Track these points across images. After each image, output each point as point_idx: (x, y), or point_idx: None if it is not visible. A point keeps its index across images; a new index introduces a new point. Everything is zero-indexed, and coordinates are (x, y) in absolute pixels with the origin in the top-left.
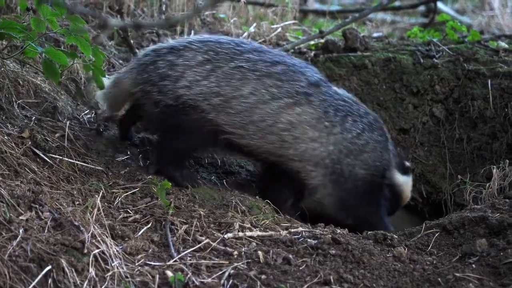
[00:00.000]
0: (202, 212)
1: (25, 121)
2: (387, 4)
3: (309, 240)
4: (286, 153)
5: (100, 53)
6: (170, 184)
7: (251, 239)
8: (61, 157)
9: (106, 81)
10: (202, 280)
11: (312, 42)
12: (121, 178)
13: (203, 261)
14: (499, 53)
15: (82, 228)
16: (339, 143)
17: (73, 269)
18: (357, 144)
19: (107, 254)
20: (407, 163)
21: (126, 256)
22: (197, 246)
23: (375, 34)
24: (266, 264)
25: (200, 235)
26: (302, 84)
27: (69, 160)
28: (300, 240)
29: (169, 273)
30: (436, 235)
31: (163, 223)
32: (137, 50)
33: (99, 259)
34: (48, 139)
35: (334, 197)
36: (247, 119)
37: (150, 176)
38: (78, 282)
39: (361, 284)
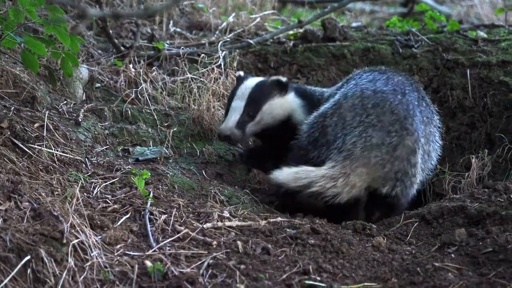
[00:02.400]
0: (181, 202)
1: (4, 111)
2: None
3: (288, 230)
4: None
5: (76, 39)
6: (149, 174)
7: (230, 229)
8: (40, 147)
9: (83, 70)
10: (181, 270)
11: (291, 32)
12: (100, 168)
13: (182, 251)
14: (478, 43)
15: (61, 218)
16: None
17: (52, 259)
18: None
19: (86, 244)
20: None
21: (105, 246)
22: (176, 236)
23: (354, 24)
24: (245, 254)
25: (179, 225)
26: None
27: (48, 150)
28: (279, 230)
29: (148, 263)
30: (415, 225)
31: (142, 213)
32: (115, 40)
33: (78, 249)
34: (27, 129)
35: None
36: None
37: (129, 166)
38: (57, 272)
39: (340, 273)
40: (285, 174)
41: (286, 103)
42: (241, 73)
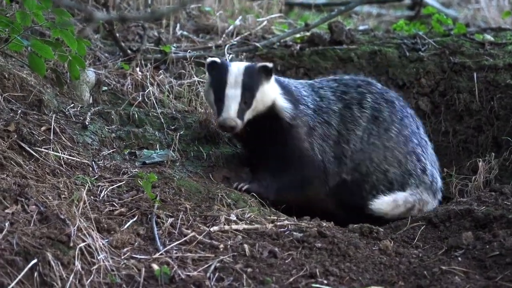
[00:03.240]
0: (188, 206)
1: (11, 114)
2: None
3: (295, 233)
4: None
5: (83, 42)
6: (156, 177)
7: (237, 232)
8: (47, 151)
9: (90, 73)
10: (188, 273)
11: (297, 35)
12: (107, 172)
13: (189, 254)
14: (485, 46)
15: (68, 222)
16: None
17: (59, 263)
18: None
19: (93, 248)
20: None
21: (112, 249)
22: (183, 239)
23: (361, 27)
24: (252, 257)
25: (186, 228)
26: None
27: (55, 153)
28: (286, 233)
29: (155, 266)
30: (422, 228)
31: (149, 216)
32: (122, 44)
33: (85, 252)
34: (34, 132)
35: None
36: None
37: (136, 170)
38: (64, 275)
39: (347, 277)
40: (385, 204)
41: (271, 89)
42: (216, 59)
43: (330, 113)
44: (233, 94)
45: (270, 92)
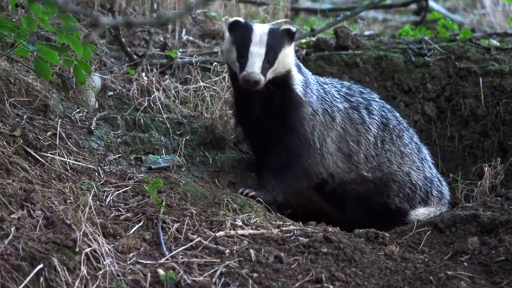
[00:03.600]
0: (193, 211)
1: (17, 119)
2: (379, 2)
3: (300, 238)
4: None
5: (88, 47)
6: (162, 182)
7: (243, 238)
8: (52, 156)
9: (96, 78)
10: (194, 279)
11: (303, 41)
12: (112, 177)
13: (194, 259)
14: (491, 51)
15: (74, 227)
16: None
17: (64, 268)
18: None
19: (99, 253)
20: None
21: (118, 254)
22: (188, 245)
23: (366, 32)
24: (258, 262)
25: (192, 234)
26: None
27: (61, 158)
28: (291, 238)
29: (161, 271)
30: (428, 233)
31: (155, 221)
32: (128, 49)
33: (91, 257)
34: (40, 137)
35: None
36: None
37: (142, 175)
38: (70, 280)
39: (352, 282)
40: (422, 216)
41: (291, 54)
42: (239, 18)
43: (334, 109)
44: (258, 51)
45: (290, 57)
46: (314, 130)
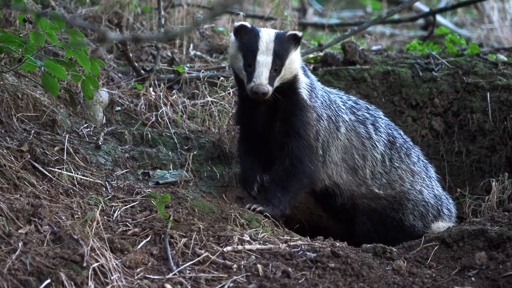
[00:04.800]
0: (201, 226)
1: (24, 134)
2: (386, 17)
3: (308, 253)
4: None
5: (96, 62)
6: (169, 197)
7: (250, 252)
8: (60, 171)
9: (103, 93)
10: None
11: (311, 55)
12: (120, 192)
13: (202, 274)
14: (498, 66)
15: (81, 242)
16: None
17: (72, 283)
18: None
19: (106, 268)
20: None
21: (125, 269)
22: (196, 260)
23: (374, 47)
24: (265, 277)
25: (199, 249)
26: None
27: (69, 173)
28: (299, 253)
29: (169, 286)
30: (436, 248)
31: (162, 236)
32: (136, 64)
33: (98, 272)
34: (47, 152)
35: None
36: None
37: (149, 190)
38: None
39: None
40: (442, 229)
41: (298, 59)
42: (245, 23)
43: (339, 118)
44: (265, 60)
45: (296, 62)
46: (318, 135)
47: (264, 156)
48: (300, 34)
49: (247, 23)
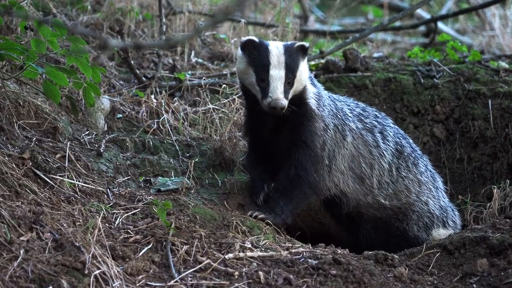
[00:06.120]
0: (203, 233)
1: (26, 142)
2: (388, 24)
3: (310, 260)
4: None
5: (97, 69)
6: (171, 204)
7: (252, 260)
8: (62, 178)
9: (105, 101)
10: None
11: (312, 63)
12: (121, 199)
13: (204, 281)
14: (500, 73)
15: (82, 249)
16: None
17: None
18: None
19: (108, 275)
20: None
21: (127, 276)
22: (198, 267)
23: (375, 54)
24: (267, 284)
25: (201, 256)
26: None
27: (70, 181)
28: (301, 260)
29: None
30: (437, 255)
31: (164, 243)
32: (137, 71)
33: (100, 279)
34: (49, 159)
35: None
36: None
37: (151, 197)
38: None
39: None
40: (443, 236)
41: (306, 69)
42: (253, 37)
43: (346, 127)
44: (278, 74)
45: (305, 72)
46: (324, 145)
47: (272, 166)
48: (307, 44)
49: (254, 37)
